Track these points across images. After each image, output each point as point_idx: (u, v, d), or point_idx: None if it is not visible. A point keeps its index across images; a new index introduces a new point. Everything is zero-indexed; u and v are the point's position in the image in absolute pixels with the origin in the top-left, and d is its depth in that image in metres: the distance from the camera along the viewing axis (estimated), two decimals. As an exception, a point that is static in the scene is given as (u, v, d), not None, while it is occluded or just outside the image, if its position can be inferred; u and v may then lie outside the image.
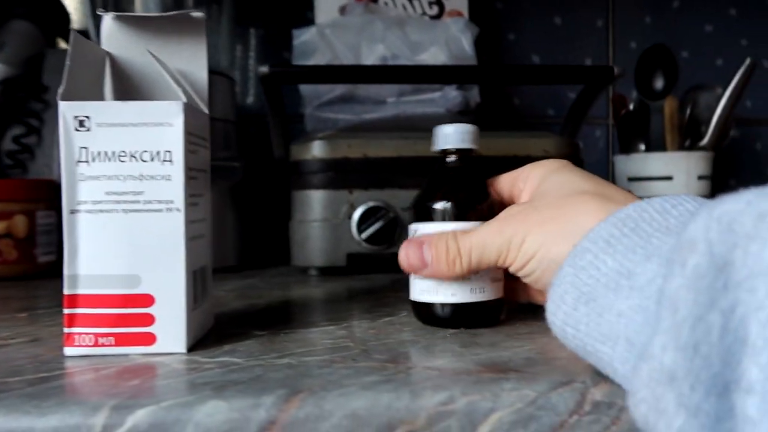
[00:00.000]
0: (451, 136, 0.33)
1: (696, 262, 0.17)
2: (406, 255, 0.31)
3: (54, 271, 0.61)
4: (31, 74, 0.69)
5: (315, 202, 0.55)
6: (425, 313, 0.33)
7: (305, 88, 0.69)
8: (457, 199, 0.32)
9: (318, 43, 0.68)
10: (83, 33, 0.82)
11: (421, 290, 0.32)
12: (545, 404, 0.22)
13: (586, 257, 0.23)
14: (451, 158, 0.34)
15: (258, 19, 0.83)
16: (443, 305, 0.32)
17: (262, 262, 0.69)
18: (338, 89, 0.67)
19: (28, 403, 0.21)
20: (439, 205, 0.32)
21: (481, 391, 0.22)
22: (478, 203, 0.32)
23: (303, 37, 0.69)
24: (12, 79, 0.67)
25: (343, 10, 0.74)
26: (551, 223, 0.28)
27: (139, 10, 0.64)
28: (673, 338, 0.17)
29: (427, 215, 0.33)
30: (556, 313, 0.24)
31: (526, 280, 0.29)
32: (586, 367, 0.25)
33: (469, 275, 0.31)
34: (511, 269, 0.29)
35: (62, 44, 0.81)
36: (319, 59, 0.68)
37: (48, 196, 0.60)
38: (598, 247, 0.23)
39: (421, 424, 0.22)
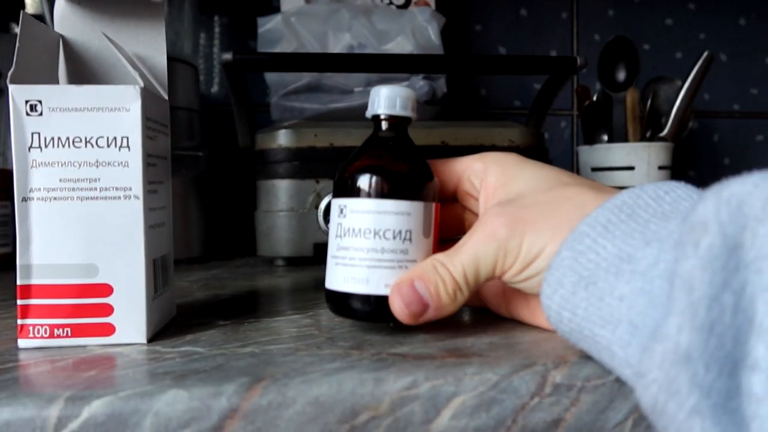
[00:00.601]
0: (384, 101, 0.29)
1: (709, 243, 0.17)
2: (405, 303, 0.26)
3: (10, 263, 0.59)
4: (-18, 60, 0.66)
5: (281, 191, 0.54)
6: (350, 305, 0.28)
7: (271, 77, 0.68)
8: (393, 173, 0.27)
9: (283, 31, 0.68)
10: (38, 18, 0.79)
11: (348, 278, 0.27)
12: (507, 387, 0.23)
13: (585, 241, 0.23)
14: (385, 125, 0.29)
15: (222, 7, 0.82)
16: (375, 297, 0.27)
17: (228, 253, 0.68)
18: (304, 78, 0.66)
19: (-23, 397, 0.20)
20: (368, 178, 0.27)
21: (444, 375, 0.22)
22: (418, 180, 0.28)
23: (268, 25, 0.68)
24: (-38, 65, 0.64)
25: (309, -2, 0.73)
26: (551, 217, 0.25)
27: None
28: (689, 318, 0.17)
29: (353, 189, 0.27)
30: (552, 297, 0.24)
31: (523, 286, 0.26)
32: (547, 351, 0.25)
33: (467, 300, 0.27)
34: (507, 276, 0.26)
35: (16, 29, 0.78)
36: (284, 47, 0.67)
37: (2, 185, 0.58)
38: (597, 232, 0.23)
39: (385, 409, 0.22)
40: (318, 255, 0.54)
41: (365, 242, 0.27)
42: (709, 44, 0.95)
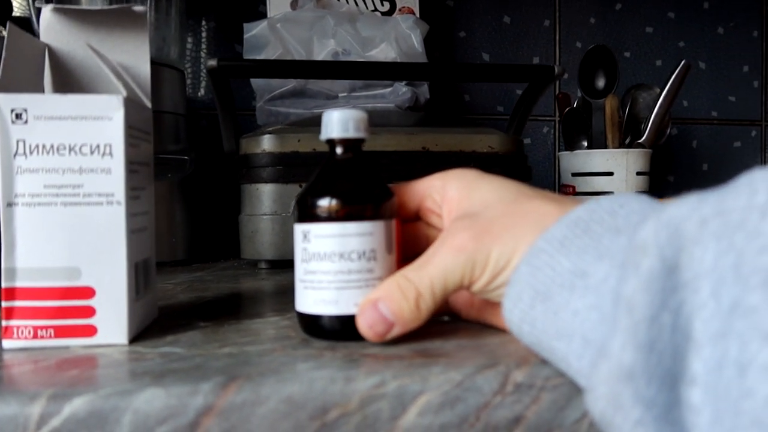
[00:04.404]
0: (337, 124, 0.29)
1: (649, 265, 0.19)
2: (368, 325, 0.27)
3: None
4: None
5: (264, 195, 0.55)
6: (322, 326, 0.28)
7: (257, 82, 0.69)
8: (353, 195, 0.28)
9: (269, 37, 0.69)
10: (25, 21, 0.79)
11: (317, 300, 0.28)
12: (471, 386, 0.24)
13: (542, 257, 0.24)
14: (340, 148, 0.30)
15: (210, 12, 0.83)
16: (345, 317, 0.28)
17: (212, 256, 0.69)
18: (290, 83, 0.67)
19: (-38, 395, 0.21)
20: (329, 202, 0.28)
21: (411, 374, 0.24)
22: (377, 200, 0.29)
23: (254, 30, 0.69)
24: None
25: (294, 4, 0.74)
26: (516, 228, 0.26)
27: (84, 1, 0.63)
28: (631, 338, 0.18)
29: (315, 214, 0.28)
30: (512, 311, 0.25)
31: (491, 296, 0.27)
32: (510, 352, 0.26)
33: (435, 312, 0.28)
34: (476, 287, 0.27)
35: (3, 32, 0.78)
36: (270, 53, 0.68)
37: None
38: (553, 248, 0.24)
39: (354, 406, 0.23)
40: (301, 258, 0.55)
41: (332, 265, 0.28)
42: (688, 52, 0.97)
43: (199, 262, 0.64)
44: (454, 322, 0.32)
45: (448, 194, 0.30)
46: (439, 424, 0.23)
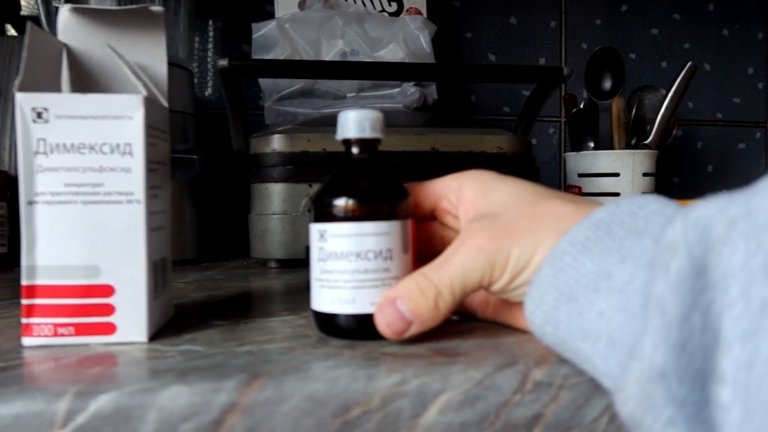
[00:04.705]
0: (354, 124, 0.29)
1: (679, 266, 0.19)
2: (386, 323, 0.27)
3: (4, 263, 0.60)
4: (-22, 61, 0.67)
5: (274, 195, 0.55)
6: (338, 325, 0.29)
7: (265, 82, 0.70)
8: (369, 195, 0.28)
9: (277, 36, 0.69)
10: (33, 19, 0.80)
11: (334, 299, 0.28)
12: (491, 385, 0.24)
13: (565, 259, 0.24)
14: (356, 148, 0.30)
15: (218, 11, 0.83)
16: (362, 316, 0.28)
17: (221, 255, 0.69)
18: (298, 83, 0.67)
19: (-11, 391, 0.21)
20: (345, 202, 0.28)
21: (432, 373, 0.24)
22: (393, 200, 0.29)
23: (262, 30, 0.69)
24: (-42, 67, 0.65)
25: (302, 4, 0.74)
26: (536, 230, 0.26)
27: (94, 1, 0.63)
28: (663, 338, 0.19)
29: (332, 214, 0.28)
30: (535, 312, 0.25)
31: (509, 295, 0.27)
32: (528, 351, 0.26)
33: (454, 311, 0.28)
34: (495, 287, 0.27)
35: (11, 31, 0.78)
36: (278, 53, 0.68)
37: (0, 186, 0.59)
38: (576, 249, 0.24)
39: (376, 404, 0.23)
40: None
41: (348, 264, 0.28)
42: (694, 54, 0.97)
43: (208, 261, 0.64)
44: (470, 321, 0.32)
45: (464, 195, 0.30)
46: (459, 422, 0.24)
